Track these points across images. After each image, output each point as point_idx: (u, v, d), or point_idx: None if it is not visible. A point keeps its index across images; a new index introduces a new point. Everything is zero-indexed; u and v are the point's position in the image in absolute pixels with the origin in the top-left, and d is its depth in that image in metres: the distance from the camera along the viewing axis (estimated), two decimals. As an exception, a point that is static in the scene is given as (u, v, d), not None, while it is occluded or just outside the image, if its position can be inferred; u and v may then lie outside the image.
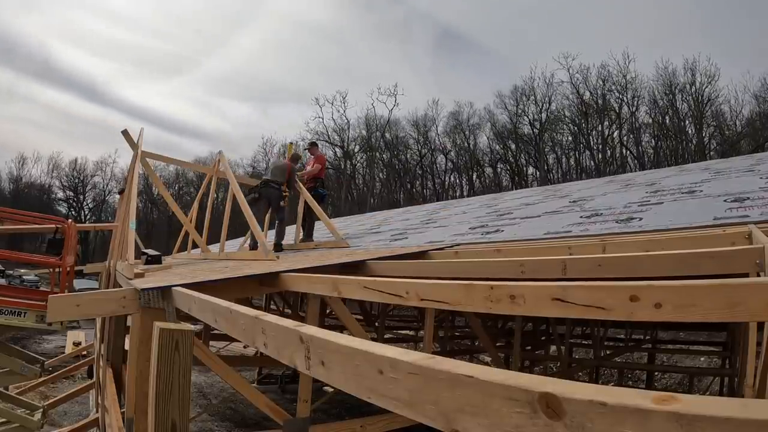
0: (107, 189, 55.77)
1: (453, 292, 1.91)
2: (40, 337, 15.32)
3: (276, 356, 1.22)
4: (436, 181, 50.55)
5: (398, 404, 0.77)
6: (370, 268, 3.94)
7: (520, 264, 2.63)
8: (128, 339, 5.01)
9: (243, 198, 6.52)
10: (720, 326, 9.69)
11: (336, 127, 51.03)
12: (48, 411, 7.60)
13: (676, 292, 1.28)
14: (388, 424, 4.80)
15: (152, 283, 3.18)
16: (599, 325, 10.23)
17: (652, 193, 5.63)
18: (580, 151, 43.57)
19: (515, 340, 8.23)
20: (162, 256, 6.62)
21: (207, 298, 2.02)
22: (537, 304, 1.58)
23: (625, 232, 3.97)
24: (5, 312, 6.44)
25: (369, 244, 6.84)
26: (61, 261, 7.14)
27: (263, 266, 4.28)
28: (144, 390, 2.61)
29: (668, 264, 2.08)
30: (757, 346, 3.10)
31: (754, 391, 2.17)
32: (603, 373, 13.55)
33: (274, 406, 4.41)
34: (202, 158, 49.89)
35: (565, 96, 43.45)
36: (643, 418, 0.48)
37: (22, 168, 55.37)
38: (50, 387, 10.06)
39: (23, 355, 7.22)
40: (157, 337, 1.67)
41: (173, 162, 10.35)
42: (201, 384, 11.24)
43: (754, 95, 35.97)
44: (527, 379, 0.60)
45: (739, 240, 2.59)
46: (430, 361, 0.73)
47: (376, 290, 2.30)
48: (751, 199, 4.02)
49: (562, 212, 5.79)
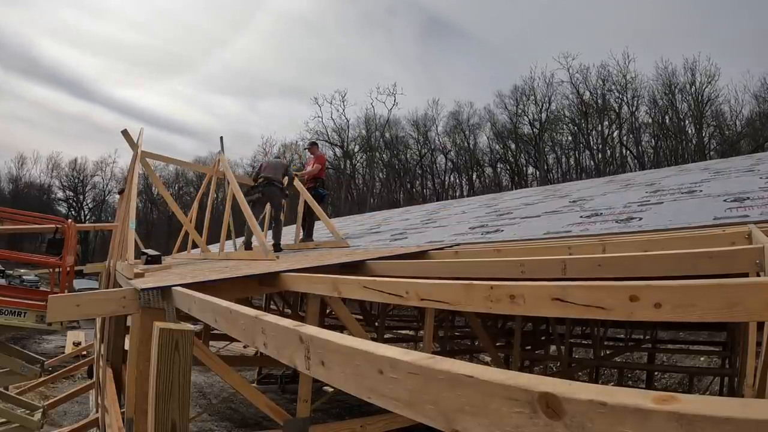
0: (107, 189, 55.81)
1: (453, 292, 1.91)
2: (40, 337, 15.32)
3: (276, 356, 1.22)
4: (436, 181, 50.56)
5: (398, 404, 0.77)
6: (370, 268, 3.94)
7: (520, 264, 2.63)
8: (128, 339, 5.01)
9: (243, 198, 6.52)
10: (720, 326, 9.69)
11: (335, 127, 51.11)
12: (48, 411, 7.60)
13: (675, 292, 1.28)
14: (388, 424, 4.80)
15: (152, 283, 3.17)
16: (599, 324, 10.23)
17: (651, 193, 5.63)
18: (580, 151, 43.61)
19: (515, 340, 8.23)
20: (162, 256, 6.62)
21: (207, 298, 2.02)
22: (537, 304, 1.58)
23: (625, 232, 3.97)
24: (5, 312, 6.43)
25: (369, 244, 6.84)
26: (61, 261, 7.14)
27: (263, 266, 4.28)
28: (144, 390, 2.61)
29: (668, 264, 2.08)
30: (756, 346, 3.10)
31: (754, 391, 2.17)
32: (603, 373, 13.55)
33: (274, 406, 4.41)
34: (202, 158, 49.94)
35: (565, 96, 43.56)
36: (643, 417, 0.48)
37: (21, 168, 55.46)
38: (50, 387, 10.06)
39: (23, 355, 7.22)
40: (157, 337, 1.67)
41: (173, 162, 10.34)
42: (201, 384, 11.24)
43: (754, 95, 36.07)
44: (527, 379, 0.60)
45: (739, 240, 2.59)
46: (430, 361, 0.73)
47: (376, 290, 2.30)
48: (750, 199, 4.02)
49: (562, 212, 5.79)
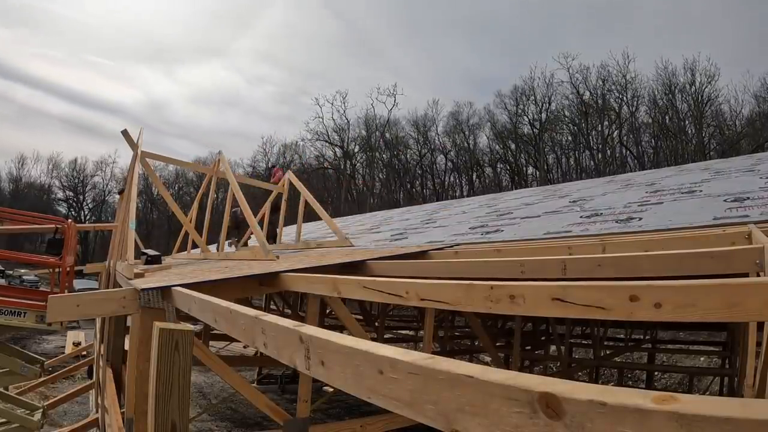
0: (107, 189, 55.82)
1: (453, 292, 1.91)
2: (40, 337, 15.32)
3: (276, 356, 1.22)
4: (436, 181, 50.55)
5: (398, 404, 0.77)
6: (370, 268, 3.94)
7: (520, 264, 2.63)
8: (128, 339, 5.00)
9: (243, 198, 6.51)
10: (720, 326, 9.69)
11: (336, 127, 51.16)
12: (48, 411, 7.60)
13: (675, 291, 1.27)
14: (388, 424, 4.79)
15: (152, 283, 3.17)
16: (599, 325, 10.23)
17: (651, 193, 5.63)
18: (580, 151, 43.60)
19: (515, 340, 8.23)
20: (162, 256, 6.61)
21: (207, 298, 2.02)
22: (537, 304, 1.58)
23: (625, 232, 3.97)
24: (5, 312, 6.44)
25: (369, 244, 6.84)
26: (61, 261, 7.15)
27: (263, 266, 4.28)
28: (144, 390, 2.60)
29: (668, 264, 2.08)
30: (756, 346, 3.10)
31: (754, 391, 2.17)
32: (603, 373, 13.54)
33: (274, 406, 4.41)
34: (202, 158, 49.92)
35: (564, 96, 43.57)
36: (642, 417, 0.48)
37: (21, 168, 55.47)
38: (50, 387, 10.06)
39: (23, 355, 7.22)
40: (157, 337, 1.67)
41: (173, 162, 10.34)
42: (201, 384, 11.24)
43: (754, 95, 36.05)
44: (527, 379, 0.60)
45: (739, 240, 2.59)
46: (430, 361, 0.73)
47: (375, 290, 2.30)
48: (751, 199, 4.02)
49: (562, 212, 5.79)
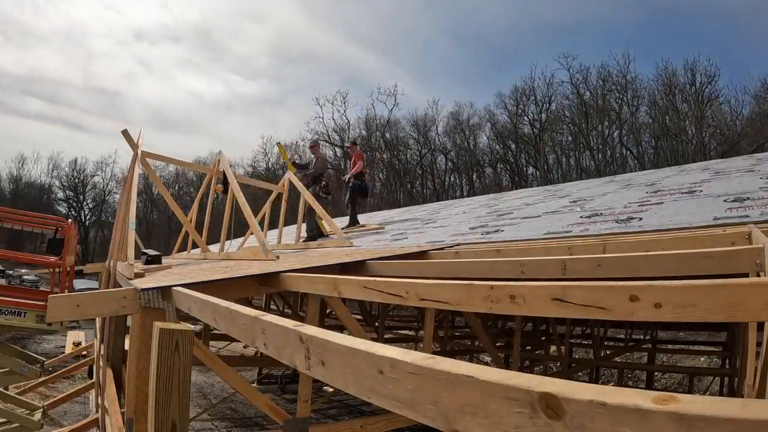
0: (107, 189, 55.85)
1: (453, 292, 1.91)
2: (40, 337, 15.30)
3: (276, 356, 1.22)
4: (436, 181, 50.52)
5: (398, 404, 0.77)
6: (370, 268, 3.94)
7: (521, 264, 2.63)
8: (128, 339, 5.00)
9: (243, 198, 6.51)
10: (720, 326, 9.68)
11: (336, 127, 51.16)
12: (48, 411, 7.59)
13: (675, 292, 1.27)
14: (388, 424, 4.79)
15: (152, 283, 3.17)
16: (599, 325, 10.23)
17: (652, 193, 5.63)
18: (580, 151, 43.57)
19: (515, 340, 8.21)
20: (162, 256, 6.60)
21: (207, 298, 2.02)
22: (537, 304, 1.58)
23: (625, 232, 3.97)
24: (5, 312, 6.44)
25: (369, 244, 6.84)
26: (61, 261, 7.15)
27: (263, 266, 4.28)
28: (144, 390, 2.60)
29: (668, 264, 2.08)
30: (757, 346, 3.09)
31: (754, 391, 2.17)
32: (603, 373, 13.54)
33: (274, 406, 4.41)
34: (202, 158, 49.93)
35: (565, 96, 43.57)
36: (642, 418, 0.48)
37: (22, 168, 55.52)
38: (50, 387, 10.05)
39: (23, 355, 7.23)
40: (157, 337, 1.67)
41: (173, 162, 10.33)
42: (201, 384, 11.23)
43: (754, 95, 36.04)
44: (527, 379, 0.60)
45: (739, 240, 2.59)
46: (430, 361, 0.73)
47: (376, 290, 2.30)
48: (751, 199, 4.02)
49: (563, 212, 5.79)
